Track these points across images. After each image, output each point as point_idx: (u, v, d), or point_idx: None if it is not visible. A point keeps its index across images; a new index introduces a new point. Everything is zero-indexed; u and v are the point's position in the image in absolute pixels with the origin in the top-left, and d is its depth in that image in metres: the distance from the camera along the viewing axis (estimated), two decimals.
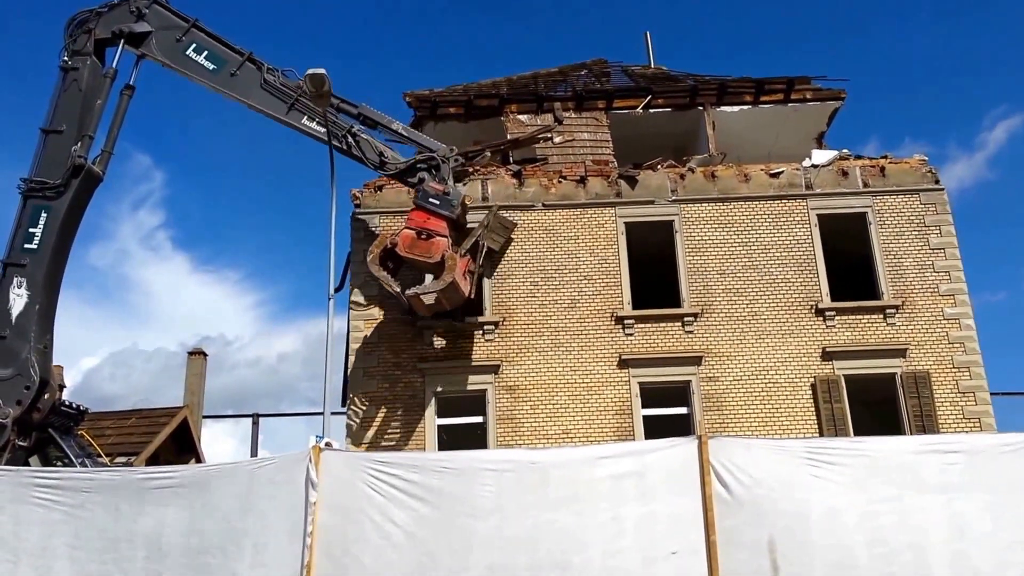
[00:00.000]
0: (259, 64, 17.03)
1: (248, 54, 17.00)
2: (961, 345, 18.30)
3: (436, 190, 16.70)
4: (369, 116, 17.24)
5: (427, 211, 16.55)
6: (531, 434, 17.75)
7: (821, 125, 22.28)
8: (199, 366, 30.36)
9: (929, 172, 19.82)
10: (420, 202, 16.70)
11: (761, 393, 18.03)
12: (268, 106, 17.02)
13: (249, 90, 17.01)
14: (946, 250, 19.07)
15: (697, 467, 8.14)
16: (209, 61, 16.96)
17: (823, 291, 18.76)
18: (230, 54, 17.09)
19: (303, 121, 16.99)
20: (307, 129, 16.97)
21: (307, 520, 8.26)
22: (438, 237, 16.39)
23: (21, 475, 9.77)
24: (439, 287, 16.33)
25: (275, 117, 17.06)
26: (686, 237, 19.33)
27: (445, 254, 16.34)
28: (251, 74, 17.00)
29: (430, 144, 17.38)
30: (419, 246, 16.42)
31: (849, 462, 8.07)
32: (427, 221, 16.49)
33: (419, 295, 16.49)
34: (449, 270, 16.30)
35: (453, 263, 16.34)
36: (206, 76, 16.94)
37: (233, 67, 16.97)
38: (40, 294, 15.52)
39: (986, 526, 7.74)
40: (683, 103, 21.61)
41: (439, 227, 16.50)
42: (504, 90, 22.25)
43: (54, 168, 16.04)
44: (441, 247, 16.38)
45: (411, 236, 16.42)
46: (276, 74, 17.09)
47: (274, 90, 17.01)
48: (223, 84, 16.95)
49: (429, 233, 16.38)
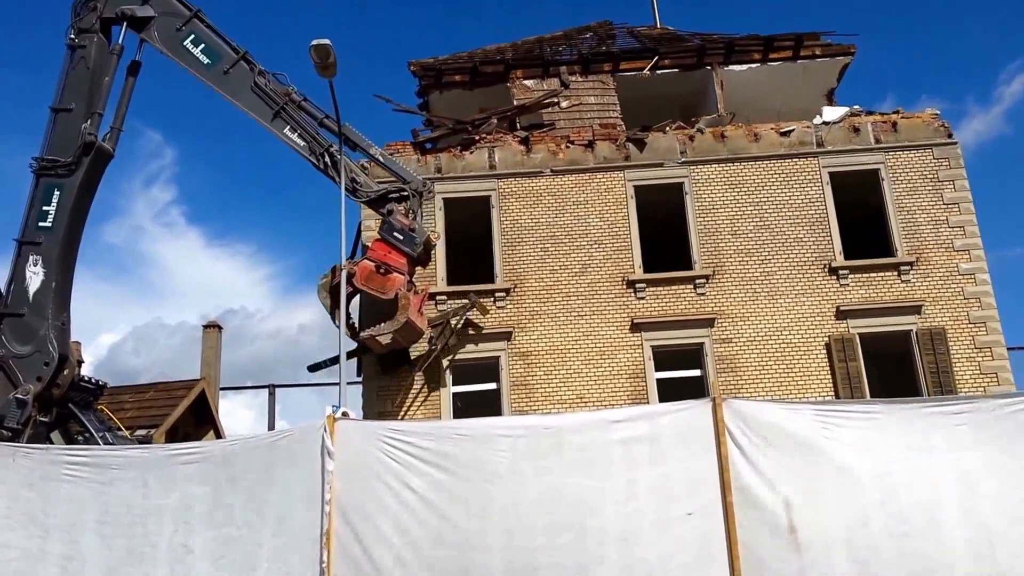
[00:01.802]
0: (252, 65, 16.84)
1: (243, 53, 16.83)
2: (977, 300, 18.24)
3: (402, 224, 16.47)
4: (350, 137, 16.74)
5: (390, 244, 16.39)
6: (545, 399, 17.86)
7: (831, 81, 22.06)
8: (215, 339, 30.57)
9: (942, 126, 19.62)
10: (384, 234, 16.51)
11: (775, 354, 18.05)
12: (254, 109, 16.82)
13: (239, 90, 16.80)
14: (960, 205, 18.93)
15: (712, 429, 8.18)
16: (204, 55, 16.79)
17: (836, 249, 18.69)
18: (226, 50, 16.92)
19: (285, 131, 16.73)
20: (288, 140, 16.71)
21: (324, 489, 8.38)
22: (396, 273, 16.24)
23: (49, 452, 9.91)
24: (394, 327, 16.23)
25: (259, 122, 16.85)
26: (696, 199, 19.26)
27: (399, 292, 16.20)
28: (243, 74, 16.81)
29: (405, 175, 17.07)
30: (375, 280, 16.24)
31: (860, 424, 8.11)
32: (388, 255, 16.33)
33: (375, 336, 16.42)
34: (403, 309, 16.19)
35: (407, 302, 16.23)
36: (199, 70, 16.78)
37: (227, 64, 16.76)
38: (56, 271, 15.63)
39: (994, 483, 7.78)
40: (691, 63, 21.42)
41: (399, 263, 16.33)
42: (509, 56, 22.09)
43: (65, 146, 16.07)
44: (397, 284, 16.22)
45: (369, 268, 16.22)
46: (267, 78, 16.89)
47: (262, 94, 16.76)
48: (215, 80, 16.78)
49: (388, 268, 16.21)
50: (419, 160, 19.71)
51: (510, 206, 19.33)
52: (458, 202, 19.53)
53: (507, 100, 20.94)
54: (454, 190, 19.56)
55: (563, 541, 8.02)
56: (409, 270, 16.64)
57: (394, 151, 19.58)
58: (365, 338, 16.69)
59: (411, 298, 16.46)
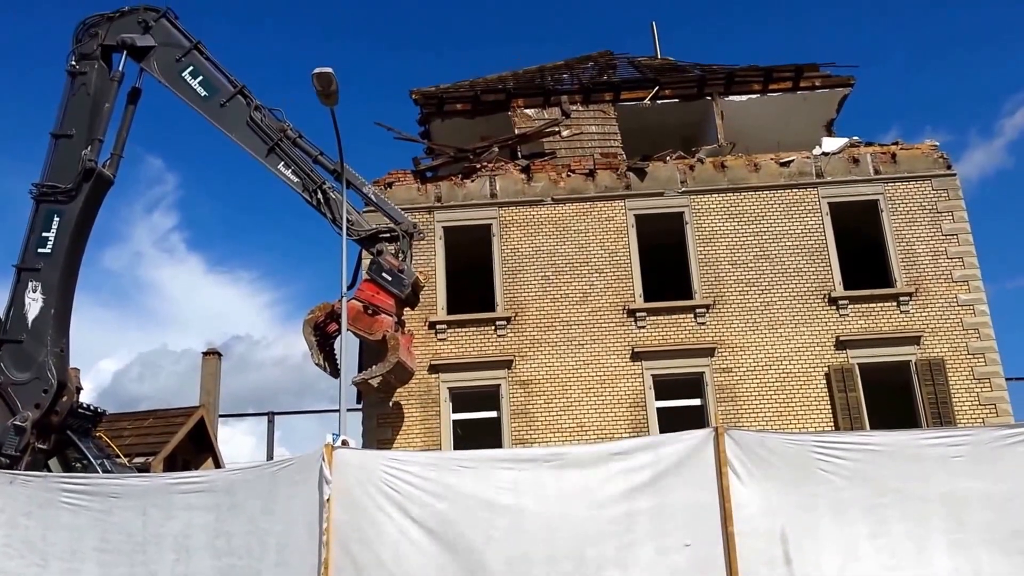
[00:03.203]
0: (249, 99, 16.93)
1: (241, 87, 16.93)
2: (976, 331, 18.25)
3: (391, 265, 16.56)
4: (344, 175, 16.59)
5: (378, 285, 16.46)
6: (545, 428, 17.81)
7: (831, 112, 22.21)
8: (214, 366, 30.51)
9: (940, 158, 19.74)
10: (372, 275, 16.59)
11: (775, 383, 18.04)
12: (249, 144, 16.90)
13: (234, 124, 16.88)
14: (959, 236, 19.01)
15: (713, 459, 8.18)
16: (202, 87, 16.89)
17: (836, 280, 18.73)
18: (224, 83, 17.01)
19: (279, 167, 16.82)
20: (283, 176, 16.79)
21: (322, 518, 8.35)
22: (384, 315, 16.32)
23: (48, 481, 9.89)
24: (384, 369, 16.26)
25: (254, 157, 16.91)
26: (697, 228, 19.32)
27: (387, 334, 16.23)
28: (239, 108, 16.90)
29: (396, 216, 17.16)
30: (362, 320, 16.30)
31: (859, 455, 8.13)
32: (376, 296, 16.41)
33: (366, 380, 16.42)
34: (393, 350, 16.22)
35: (396, 343, 16.26)
36: (196, 101, 16.87)
37: (224, 97, 16.85)
38: (55, 298, 15.64)
39: (989, 515, 7.79)
40: (691, 93, 21.56)
41: (387, 304, 16.41)
42: (511, 84, 22.25)
43: (65, 172, 16.13)
44: (384, 326, 16.29)
45: (357, 308, 16.26)
46: (264, 113, 16.98)
47: (258, 129, 16.85)
48: (211, 113, 16.86)
49: (376, 309, 16.30)
50: (420, 188, 19.79)
51: (511, 234, 19.39)
52: (459, 230, 19.58)
53: (508, 129, 21.06)
54: (455, 218, 19.62)
55: (563, 571, 8.00)
56: (397, 311, 16.68)
57: (395, 179, 19.69)
58: (357, 383, 16.68)
59: (400, 339, 16.44)
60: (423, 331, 18.58)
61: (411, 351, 17.09)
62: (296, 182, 16.75)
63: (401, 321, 17.09)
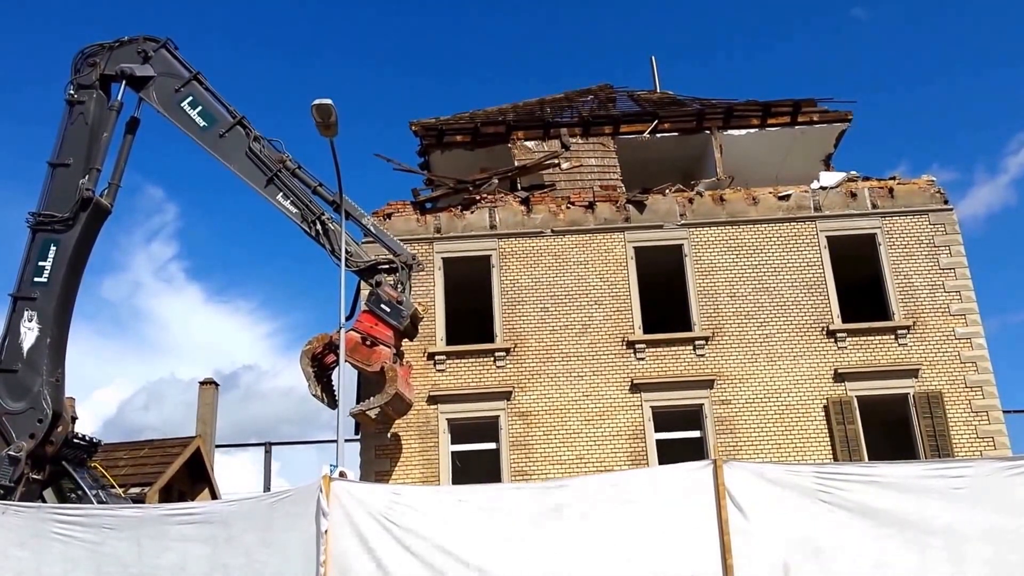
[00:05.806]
0: (248, 130, 16.96)
1: (240, 118, 16.97)
2: (973, 364, 18.25)
3: (390, 296, 16.56)
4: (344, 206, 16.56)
5: (376, 316, 16.44)
6: (544, 460, 17.73)
7: (828, 147, 22.34)
8: (210, 396, 30.39)
9: (937, 193, 19.84)
10: (371, 306, 16.58)
11: (774, 416, 17.99)
12: (248, 175, 16.91)
13: (233, 155, 16.89)
14: (956, 270, 19.05)
15: (712, 491, 8.15)
16: (201, 117, 16.92)
17: (834, 313, 18.74)
18: (223, 114, 17.04)
19: (278, 197, 16.84)
20: (281, 207, 16.81)
21: (319, 550, 8.29)
22: (382, 346, 16.30)
23: (42, 511, 9.82)
24: (382, 400, 16.21)
25: (253, 187, 16.92)
26: (696, 261, 19.37)
27: (385, 365, 16.20)
28: (239, 138, 16.92)
29: (395, 247, 17.19)
30: (360, 352, 16.25)
31: (859, 487, 8.09)
32: (374, 327, 16.39)
33: (364, 411, 16.38)
34: (391, 381, 16.18)
35: (394, 374, 16.22)
36: (195, 132, 16.90)
37: (223, 128, 16.88)
38: (51, 327, 15.60)
39: (988, 549, 7.74)
40: (690, 127, 21.70)
41: (385, 336, 16.38)
42: (510, 117, 22.38)
43: (62, 201, 16.13)
44: (382, 357, 16.25)
45: (355, 340, 16.21)
46: (263, 143, 17.02)
47: (257, 160, 16.89)
48: (209, 143, 16.88)
49: (374, 340, 16.27)
50: (419, 219, 19.84)
51: (510, 266, 19.41)
52: (458, 261, 19.61)
53: (508, 161, 21.16)
54: (454, 249, 19.65)
55: None
56: (396, 343, 16.63)
57: (394, 210, 19.74)
58: (355, 414, 16.61)
59: (398, 370, 16.39)
60: (422, 362, 18.54)
61: (409, 383, 17.03)
62: (295, 213, 16.77)
63: (400, 352, 17.04)
